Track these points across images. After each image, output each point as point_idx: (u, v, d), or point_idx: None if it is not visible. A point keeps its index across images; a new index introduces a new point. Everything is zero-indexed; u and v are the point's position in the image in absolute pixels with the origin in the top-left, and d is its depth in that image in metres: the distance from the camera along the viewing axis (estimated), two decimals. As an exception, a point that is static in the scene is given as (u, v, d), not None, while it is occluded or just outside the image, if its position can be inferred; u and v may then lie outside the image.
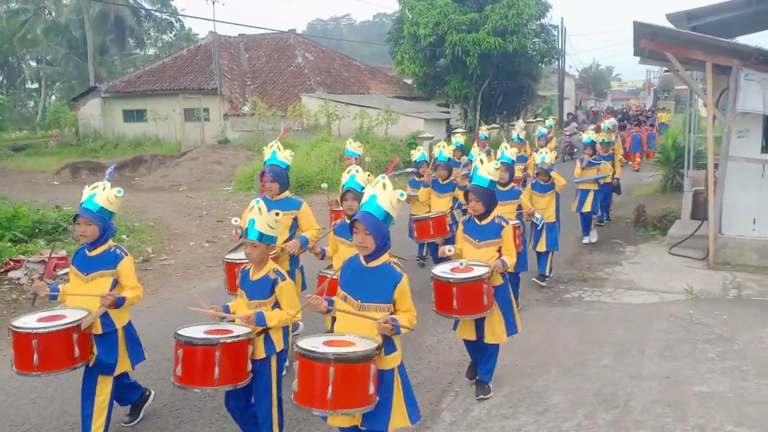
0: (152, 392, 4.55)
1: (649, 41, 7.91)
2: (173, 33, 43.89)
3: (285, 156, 5.36)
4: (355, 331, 3.23)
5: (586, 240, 9.75)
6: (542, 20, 26.54)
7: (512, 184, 6.45)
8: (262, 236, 3.61)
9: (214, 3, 29.39)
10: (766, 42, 8.64)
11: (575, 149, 19.16)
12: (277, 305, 3.65)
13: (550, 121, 16.08)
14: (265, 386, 3.68)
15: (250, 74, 27.94)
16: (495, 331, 4.51)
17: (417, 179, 8.21)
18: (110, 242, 4.04)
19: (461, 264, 4.41)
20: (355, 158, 7.66)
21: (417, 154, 8.41)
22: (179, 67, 27.87)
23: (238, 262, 4.75)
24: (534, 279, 7.48)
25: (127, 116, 27.71)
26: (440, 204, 7.59)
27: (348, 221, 4.68)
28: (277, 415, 3.75)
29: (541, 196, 7.51)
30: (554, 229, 7.44)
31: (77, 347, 3.69)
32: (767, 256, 7.93)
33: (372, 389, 3.04)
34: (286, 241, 4.95)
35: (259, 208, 3.62)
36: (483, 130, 12.04)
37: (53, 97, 41.60)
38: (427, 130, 21.09)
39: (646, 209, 11.08)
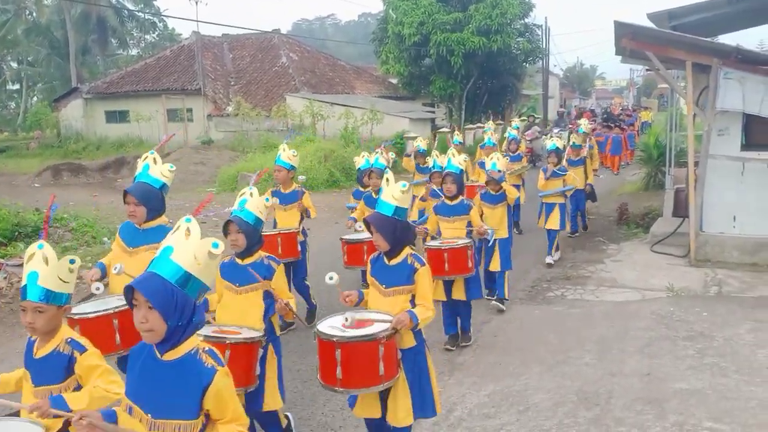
0: None
1: (630, 41, 7.96)
2: (156, 33, 43.56)
3: (161, 171, 4.17)
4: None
5: (548, 260, 8.47)
6: (526, 20, 26.63)
7: (461, 197, 5.71)
8: (49, 295, 2.63)
9: (197, 3, 29.10)
10: (747, 41, 8.74)
11: (539, 157, 16.98)
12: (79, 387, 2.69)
13: (517, 122, 15.24)
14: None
15: (234, 74, 27.80)
16: (397, 412, 3.35)
17: (361, 189, 7.45)
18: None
19: (347, 320, 3.30)
20: (288, 170, 6.17)
21: (361, 161, 7.49)
22: (162, 67, 27.66)
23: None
24: (493, 302, 6.61)
25: (110, 117, 27.45)
26: None
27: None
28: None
29: (492, 208, 6.57)
30: (508, 246, 6.61)
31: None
32: (747, 252, 8.01)
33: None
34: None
35: (45, 256, 2.63)
36: (457, 135, 11.10)
37: (35, 99, 41.10)
38: (413, 130, 21.09)
39: (628, 207, 11.15)
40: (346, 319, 3.31)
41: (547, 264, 8.42)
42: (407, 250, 3.53)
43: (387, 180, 3.57)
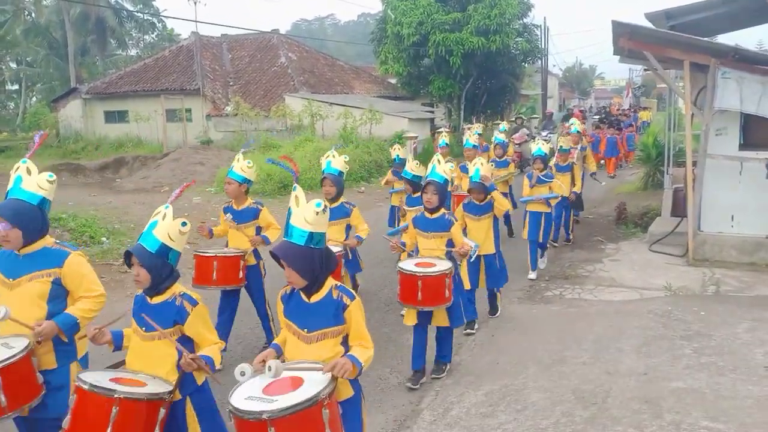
0: None
1: (628, 40, 7.97)
2: (155, 34, 43.52)
3: (37, 183, 3.43)
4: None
5: (532, 275, 7.86)
6: (525, 20, 26.64)
7: (443, 210, 5.02)
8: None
9: (196, 3, 29.17)
10: (746, 40, 8.74)
11: (528, 162, 15.13)
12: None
13: (504, 125, 14.56)
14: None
15: (232, 74, 27.79)
16: None
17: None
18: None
19: (269, 368, 2.69)
20: (240, 183, 5.47)
21: (324, 164, 6.31)
22: (161, 67, 27.65)
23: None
24: (465, 331, 5.93)
25: (109, 117, 27.43)
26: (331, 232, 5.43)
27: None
28: None
29: (476, 219, 5.94)
30: (496, 262, 6.02)
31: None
32: (746, 252, 8.02)
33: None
34: None
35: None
36: (444, 137, 10.20)
37: (34, 99, 41.09)
38: (412, 130, 21.10)
39: (627, 207, 11.15)
40: (269, 368, 2.68)
41: (530, 279, 7.80)
42: (330, 282, 2.97)
43: (296, 198, 2.94)
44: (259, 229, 5.46)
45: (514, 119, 24.45)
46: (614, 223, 10.94)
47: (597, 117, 23.98)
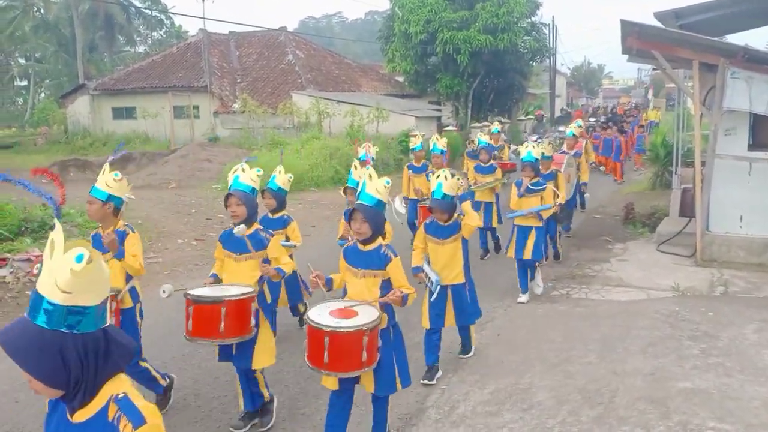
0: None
1: (636, 40, 7.93)
2: (163, 30, 43.66)
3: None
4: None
5: (522, 299, 6.89)
6: (533, 18, 26.59)
7: (379, 242, 3.78)
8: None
9: (204, 0, 29.35)
10: (756, 40, 8.69)
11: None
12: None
13: (496, 126, 13.64)
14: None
15: (240, 72, 27.84)
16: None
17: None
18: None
19: (163, 291, 4.13)
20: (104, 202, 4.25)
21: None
22: (169, 64, 27.73)
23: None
24: (423, 381, 4.89)
25: (117, 114, 27.54)
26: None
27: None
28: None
29: (440, 243, 4.87)
30: (463, 295, 4.97)
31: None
32: (754, 253, 7.98)
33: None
34: None
35: None
36: (438, 141, 8.48)
37: (42, 95, 41.31)
38: (419, 128, 21.05)
39: (635, 206, 11.12)
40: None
41: (519, 302, 6.86)
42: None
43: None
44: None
45: (527, 116, 23.97)
46: (622, 222, 10.91)
47: (593, 119, 22.67)
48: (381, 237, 3.81)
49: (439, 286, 4.61)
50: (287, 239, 5.58)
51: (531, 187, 6.84)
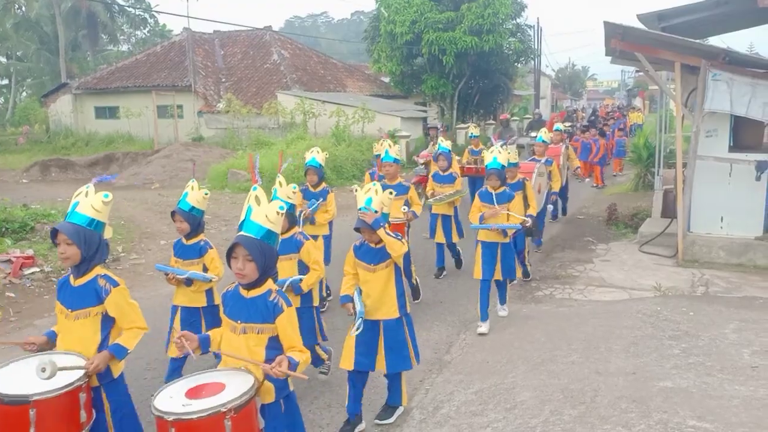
0: None
1: (620, 41, 8.00)
2: (147, 29, 43.31)
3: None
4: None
5: (483, 329, 6.02)
6: (518, 20, 26.73)
7: (267, 287, 3.05)
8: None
9: (188, -1, 29.11)
10: (738, 43, 8.80)
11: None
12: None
13: (473, 130, 12.81)
14: None
15: (224, 71, 27.70)
16: None
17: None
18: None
19: (42, 369, 2.80)
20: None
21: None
22: (152, 63, 27.53)
23: None
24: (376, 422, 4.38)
25: (99, 113, 27.29)
26: None
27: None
28: None
29: (371, 270, 4.14)
30: (397, 332, 4.19)
31: None
32: (734, 253, 8.07)
33: None
34: None
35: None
36: (391, 148, 7.02)
37: (24, 94, 40.80)
38: (404, 129, 21.10)
39: (617, 207, 11.21)
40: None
41: (479, 333, 6.00)
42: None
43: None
44: None
45: (512, 117, 23.01)
46: (605, 223, 10.99)
47: (568, 124, 19.89)
48: (272, 279, 3.06)
49: (362, 319, 4.00)
50: (205, 270, 4.54)
51: (496, 198, 6.05)
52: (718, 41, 11.06)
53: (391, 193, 4.15)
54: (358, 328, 3.99)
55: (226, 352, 3.00)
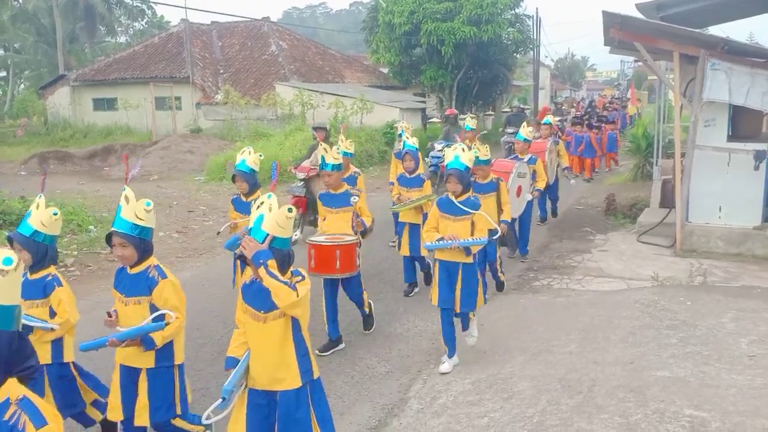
0: None
1: (618, 31, 7.96)
2: (145, 21, 43.17)
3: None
4: None
5: (445, 367, 5.00)
6: (517, 10, 26.55)
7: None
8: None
9: (186, -10, 28.93)
10: (737, 32, 8.77)
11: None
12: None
13: (470, 122, 9.71)
14: None
15: (222, 62, 27.59)
16: None
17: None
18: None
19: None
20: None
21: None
22: (150, 55, 27.41)
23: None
24: None
25: (97, 105, 27.20)
26: None
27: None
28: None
29: (259, 318, 3.10)
30: (299, 404, 3.09)
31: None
32: (732, 243, 8.07)
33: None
34: None
35: None
36: (340, 145, 6.55)
37: (22, 86, 40.67)
38: (403, 120, 21.01)
39: (616, 198, 11.20)
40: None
41: (441, 373, 4.97)
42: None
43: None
44: None
45: (510, 109, 21.64)
46: (603, 213, 10.99)
47: (558, 118, 17.70)
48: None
49: (224, 398, 2.98)
50: (52, 314, 3.62)
51: (459, 208, 4.85)
52: (717, 30, 11.02)
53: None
54: (215, 411, 2.95)
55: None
